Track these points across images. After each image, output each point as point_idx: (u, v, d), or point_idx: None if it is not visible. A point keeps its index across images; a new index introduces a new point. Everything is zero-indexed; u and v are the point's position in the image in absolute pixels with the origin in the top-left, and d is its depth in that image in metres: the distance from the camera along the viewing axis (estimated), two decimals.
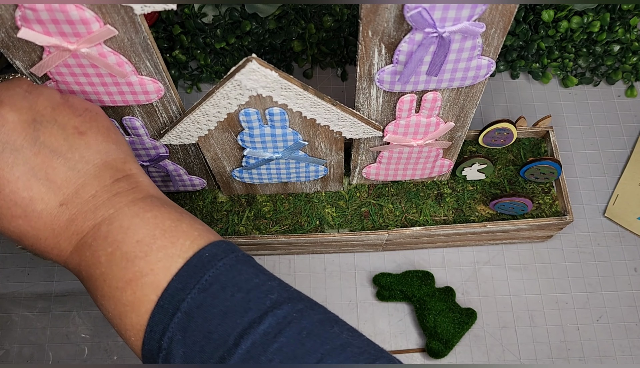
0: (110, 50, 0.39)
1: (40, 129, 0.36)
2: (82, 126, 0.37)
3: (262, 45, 0.70)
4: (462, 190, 0.61)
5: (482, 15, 0.38)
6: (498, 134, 0.59)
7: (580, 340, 0.60)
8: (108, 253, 0.35)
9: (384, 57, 0.42)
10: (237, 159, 0.52)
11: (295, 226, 0.60)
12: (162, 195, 0.39)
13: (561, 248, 0.64)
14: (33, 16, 0.35)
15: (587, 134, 0.70)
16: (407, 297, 0.60)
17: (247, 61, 0.39)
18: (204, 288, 0.34)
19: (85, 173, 0.36)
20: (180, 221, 0.37)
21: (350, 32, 0.71)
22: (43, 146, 0.36)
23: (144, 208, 0.36)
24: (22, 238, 0.36)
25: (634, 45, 0.69)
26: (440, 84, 0.45)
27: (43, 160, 0.35)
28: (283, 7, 0.68)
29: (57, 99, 0.38)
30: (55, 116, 0.37)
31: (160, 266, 0.34)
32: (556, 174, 0.58)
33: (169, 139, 0.48)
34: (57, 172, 0.36)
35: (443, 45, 0.40)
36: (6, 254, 0.65)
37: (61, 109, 0.37)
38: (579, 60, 0.70)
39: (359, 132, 0.48)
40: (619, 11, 0.68)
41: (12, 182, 0.35)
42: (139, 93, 0.43)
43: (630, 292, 0.62)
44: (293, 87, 0.41)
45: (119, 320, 0.35)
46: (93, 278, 0.36)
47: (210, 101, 0.43)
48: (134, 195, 0.37)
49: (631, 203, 0.65)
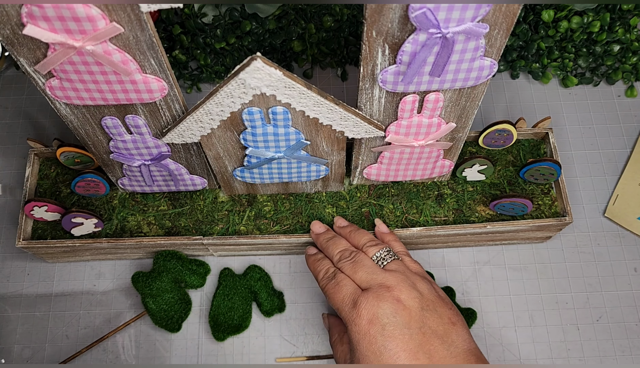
0: (115, 47, 0.39)
1: (426, 315, 0.47)
2: (454, 318, 0.48)
3: (262, 45, 0.70)
4: (462, 191, 0.61)
5: (486, 17, 0.39)
6: (498, 135, 0.60)
7: (580, 340, 0.60)
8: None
9: (387, 57, 0.42)
10: (238, 158, 0.53)
11: (296, 226, 0.60)
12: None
13: (561, 248, 0.64)
14: (39, 13, 0.35)
15: (587, 134, 0.70)
16: None
17: (252, 60, 0.39)
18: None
19: (456, 354, 0.46)
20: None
21: (350, 32, 0.71)
22: (427, 328, 0.46)
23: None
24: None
25: (634, 45, 0.69)
26: (442, 84, 0.45)
27: (427, 339, 0.46)
28: (283, 7, 0.68)
29: (433, 291, 0.49)
30: (435, 307, 0.48)
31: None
32: (556, 175, 0.58)
33: (172, 138, 0.48)
34: (436, 350, 0.45)
35: (446, 46, 0.40)
36: (6, 254, 0.64)
37: (438, 301, 0.48)
38: (579, 60, 0.71)
39: (361, 132, 0.49)
40: (619, 11, 0.68)
41: (405, 352, 0.45)
42: (142, 91, 0.43)
43: (630, 292, 0.62)
44: (297, 86, 0.42)
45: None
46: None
47: (214, 100, 0.43)
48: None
49: (631, 203, 0.65)
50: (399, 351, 0.45)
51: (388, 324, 0.46)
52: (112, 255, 0.62)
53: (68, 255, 0.61)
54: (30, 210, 0.56)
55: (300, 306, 0.62)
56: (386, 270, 0.50)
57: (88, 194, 0.60)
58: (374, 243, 0.52)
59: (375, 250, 0.52)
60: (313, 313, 0.62)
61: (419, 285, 0.49)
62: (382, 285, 0.48)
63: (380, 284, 0.48)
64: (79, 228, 0.58)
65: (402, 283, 0.48)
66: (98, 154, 0.53)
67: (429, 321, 0.46)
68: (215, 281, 0.62)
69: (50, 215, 0.58)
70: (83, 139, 0.51)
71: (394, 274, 0.49)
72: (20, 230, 0.58)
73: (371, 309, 0.46)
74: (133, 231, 0.60)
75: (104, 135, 0.50)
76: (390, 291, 0.47)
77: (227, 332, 0.59)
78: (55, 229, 0.60)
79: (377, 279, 0.48)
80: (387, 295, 0.47)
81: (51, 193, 0.61)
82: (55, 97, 0.44)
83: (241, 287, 0.60)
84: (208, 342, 0.60)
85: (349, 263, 0.51)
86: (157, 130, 0.49)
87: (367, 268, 0.49)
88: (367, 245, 0.52)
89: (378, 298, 0.47)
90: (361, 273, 0.49)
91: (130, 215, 0.60)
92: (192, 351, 0.60)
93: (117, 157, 0.52)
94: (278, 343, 0.60)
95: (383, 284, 0.48)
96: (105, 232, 0.60)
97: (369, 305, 0.46)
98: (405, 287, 0.47)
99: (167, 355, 0.60)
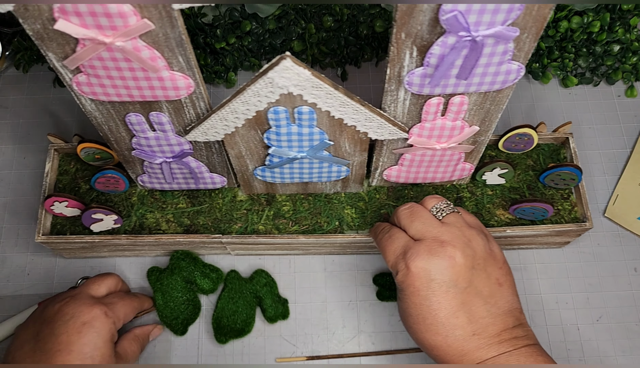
0: (145, 44, 0.39)
1: (475, 274, 0.47)
2: (501, 278, 0.48)
3: (262, 45, 0.70)
4: (482, 194, 0.61)
5: (516, 20, 0.38)
6: (519, 139, 0.59)
7: (580, 340, 0.60)
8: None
9: (414, 59, 0.42)
10: (260, 157, 0.53)
11: (315, 226, 0.60)
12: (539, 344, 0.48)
13: (561, 248, 0.64)
14: (71, 8, 0.35)
15: (587, 134, 0.70)
16: None
17: (281, 59, 0.39)
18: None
19: (495, 315, 0.46)
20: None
21: (350, 32, 0.71)
22: (473, 288, 0.46)
23: (535, 352, 0.45)
24: (432, 348, 0.47)
25: (634, 45, 0.69)
26: (469, 87, 0.45)
27: (470, 298, 0.46)
28: (283, 7, 0.68)
29: (487, 249, 0.48)
30: (485, 266, 0.47)
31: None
32: (577, 180, 0.58)
33: (195, 136, 0.49)
34: (478, 309, 0.46)
35: (475, 49, 0.40)
36: (6, 254, 0.64)
37: (489, 260, 0.48)
38: (579, 60, 0.71)
39: (384, 134, 0.49)
40: (619, 11, 0.68)
41: (446, 309, 0.45)
42: (169, 88, 0.43)
43: (630, 292, 0.62)
44: (324, 86, 0.41)
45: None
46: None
47: (240, 98, 0.43)
48: (527, 341, 0.46)
49: (631, 203, 0.65)
50: (439, 307, 0.45)
51: (435, 280, 0.46)
52: (129, 252, 0.62)
53: (86, 251, 0.61)
54: (50, 205, 0.56)
55: (300, 306, 0.62)
56: (443, 222, 0.49)
57: (107, 190, 0.60)
58: (434, 196, 0.51)
59: (434, 201, 0.51)
60: (313, 313, 0.61)
61: (474, 242, 0.48)
62: (436, 239, 0.47)
63: (435, 237, 0.47)
64: (99, 225, 0.58)
65: (456, 240, 0.47)
66: (120, 150, 0.53)
67: (476, 280, 0.46)
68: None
69: (69, 210, 0.58)
70: (106, 135, 0.51)
71: (450, 228, 0.48)
72: (40, 225, 0.58)
73: (421, 262, 0.46)
74: (151, 228, 0.60)
75: (127, 132, 0.50)
76: (443, 246, 0.46)
77: (230, 336, 0.59)
78: (74, 225, 0.60)
79: (432, 232, 0.47)
80: (440, 250, 0.46)
81: (70, 188, 0.61)
82: (82, 92, 0.44)
83: (246, 291, 0.60)
84: (208, 342, 0.60)
85: (406, 212, 0.50)
86: (181, 127, 0.49)
87: (423, 219, 0.49)
88: (427, 197, 0.52)
89: (430, 251, 0.46)
90: (417, 224, 0.48)
91: (148, 212, 0.60)
92: (192, 351, 0.60)
93: (139, 153, 0.53)
94: (278, 343, 0.60)
95: (437, 238, 0.47)
96: (124, 228, 0.60)
97: (420, 257, 0.46)
98: (460, 244, 0.46)
99: (167, 355, 0.60)
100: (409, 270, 0.46)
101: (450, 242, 0.47)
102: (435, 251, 0.46)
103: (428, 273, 0.46)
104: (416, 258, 0.46)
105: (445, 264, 0.46)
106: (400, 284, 0.47)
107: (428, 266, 0.46)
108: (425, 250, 0.46)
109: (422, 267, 0.46)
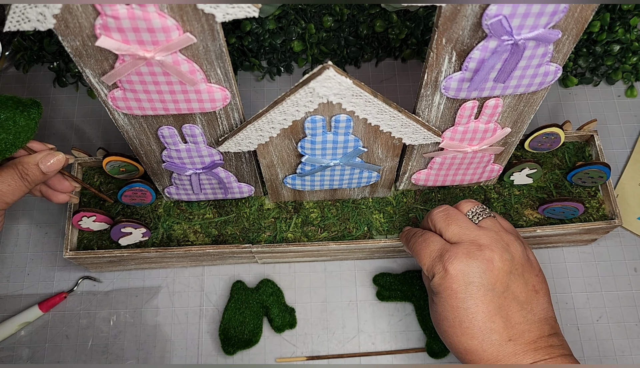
0: (185, 58, 0.39)
1: (512, 279, 0.46)
2: (538, 286, 0.48)
3: (262, 45, 0.70)
4: (509, 195, 0.61)
5: (558, 22, 0.38)
6: (545, 138, 0.59)
7: (580, 340, 0.60)
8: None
9: (453, 64, 0.42)
10: (291, 165, 0.52)
11: (344, 232, 0.59)
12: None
13: (561, 248, 0.64)
14: (114, 24, 0.35)
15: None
16: (407, 297, 0.60)
17: (324, 68, 0.38)
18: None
19: (532, 322, 0.46)
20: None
21: (350, 32, 0.71)
22: (510, 293, 0.46)
23: (570, 362, 0.45)
24: (466, 352, 0.46)
25: (634, 45, 0.69)
26: (505, 90, 0.45)
27: (508, 303, 0.46)
28: (283, 7, 0.68)
29: (524, 255, 0.48)
30: (522, 272, 0.47)
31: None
32: (605, 177, 0.58)
33: (228, 147, 0.48)
34: (514, 315, 0.45)
35: (516, 53, 0.40)
36: (6, 254, 0.64)
37: (527, 266, 0.48)
38: (579, 60, 0.71)
39: (419, 139, 0.48)
40: (619, 11, 0.68)
41: (483, 313, 0.45)
42: (205, 101, 0.43)
43: (630, 292, 0.62)
44: (364, 94, 0.41)
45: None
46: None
47: (279, 108, 0.42)
48: (563, 351, 0.46)
49: (631, 203, 0.65)
50: (477, 311, 0.45)
51: (473, 283, 0.45)
52: (156, 264, 0.61)
53: (113, 265, 0.60)
54: (78, 220, 0.56)
55: (300, 306, 0.61)
56: (480, 227, 0.49)
57: (133, 203, 0.60)
58: (469, 200, 0.51)
59: (470, 205, 0.50)
60: (313, 313, 0.61)
61: (512, 247, 0.47)
62: (474, 242, 0.47)
63: (472, 241, 0.47)
64: (127, 238, 0.57)
65: (495, 244, 0.46)
66: (148, 163, 0.53)
67: (513, 285, 0.46)
68: (228, 294, 0.62)
69: (97, 225, 0.57)
70: (136, 148, 0.50)
71: (487, 232, 0.47)
72: (67, 241, 0.57)
73: (459, 265, 0.46)
74: (179, 240, 0.59)
75: (158, 145, 0.50)
76: (481, 250, 0.46)
77: (237, 347, 0.59)
78: (100, 239, 0.59)
79: (470, 235, 0.47)
80: (478, 253, 0.46)
81: (95, 202, 0.61)
82: (117, 107, 0.43)
83: (253, 301, 0.60)
84: (208, 342, 0.60)
85: (442, 215, 0.50)
86: (213, 139, 0.49)
87: (460, 222, 0.49)
88: (462, 201, 0.51)
89: (468, 255, 0.46)
90: (454, 227, 0.48)
91: (175, 223, 0.60)
92: (192, 351, 0.60)
93: (170, 166, 0.52)
94: (278, 343, 0.60)
95: (475, 241, 0.47)
96: (152, 241, 0.59)
97: (458, 260, 0.46)
98: (498, 248, 0.46)
99: (167, 355, 0.60)
100: (446, 272, 0.46)
101: (489, 245, 0.46)
102: (473, 254, 0.46)
103: (466, 275, 0.45)
104: (454, 261, 0.46)
105: (483, 267, 0.45)
106: (437, 287, 0.47)
107: (466, 268, 0.46)
108: (463, 253, 0.46)
109: (461, 269, 0.46)
